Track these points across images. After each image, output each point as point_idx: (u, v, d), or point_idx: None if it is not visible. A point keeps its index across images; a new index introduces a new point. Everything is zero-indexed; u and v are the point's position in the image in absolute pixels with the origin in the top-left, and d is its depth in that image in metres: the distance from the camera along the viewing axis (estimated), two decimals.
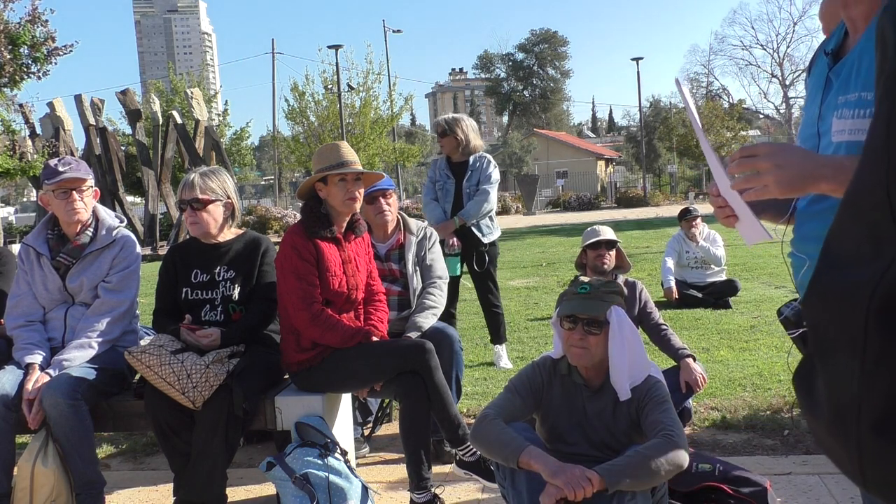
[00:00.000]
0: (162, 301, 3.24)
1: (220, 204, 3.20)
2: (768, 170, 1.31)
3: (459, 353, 3.55)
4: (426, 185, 5.21)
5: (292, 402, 3.06)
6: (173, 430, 2.92)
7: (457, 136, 5.03)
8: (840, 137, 1.39)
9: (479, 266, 5.06)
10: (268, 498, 3.26)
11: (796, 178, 1.29)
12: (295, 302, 3.00)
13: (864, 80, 1.35)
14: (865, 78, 1.35)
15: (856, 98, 1.36)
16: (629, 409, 2.40)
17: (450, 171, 5.07)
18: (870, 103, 1.32)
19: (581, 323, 2.39)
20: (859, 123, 1.34)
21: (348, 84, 28.44)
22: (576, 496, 2.08)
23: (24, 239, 3.33)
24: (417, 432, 2.97)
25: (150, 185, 20.14)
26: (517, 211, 31.91)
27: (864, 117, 1.33)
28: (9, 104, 15.12)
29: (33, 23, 12.91)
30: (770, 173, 1.31)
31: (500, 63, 79.62)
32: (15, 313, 3.19)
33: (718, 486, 2.47)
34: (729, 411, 3.94)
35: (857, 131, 1.35)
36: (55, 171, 3.15)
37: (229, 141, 31.15)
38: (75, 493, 2.94)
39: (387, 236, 3.77)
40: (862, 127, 1.33)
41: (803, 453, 3.42)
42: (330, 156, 3.04)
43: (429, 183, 5.17)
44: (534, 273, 10.54)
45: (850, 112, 1.36)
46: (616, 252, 4.09)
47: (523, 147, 54.16)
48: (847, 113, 1.37)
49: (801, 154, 1.33)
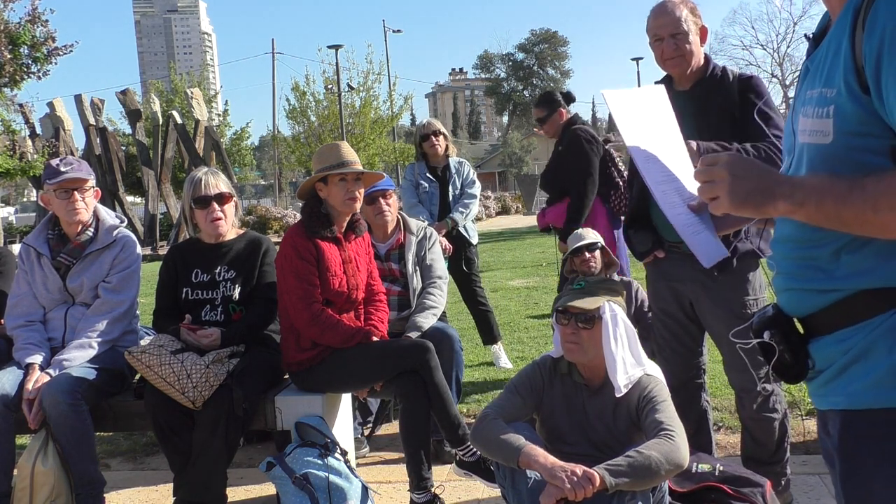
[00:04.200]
0: (162, 301, 3.24)
1: (233, 200, 3.24)
2: (723, 179, 1.22)
3: (459, 353, 3.55)
4: (406, 188, 5.19)
5: (292, 402, 3.06)
6: (173, 430, 2.92)
7: (447, 137, 5.15)
8: (803, 139, 1.26)
9: (468, 267, 5.11)
10: (268, 498, 3.26)
11: (752, 192, 1.19)
12: (295, 302, 3.00)
13: (826, 73, 1.21)
14: (829, 71, 1.21)
15: (817, 95, 1.22)
16: (629, 409, 2.40)
17: (431, 175, 5.08)
18: (828, 101, 1.18)
19: (573, 317, 2.39)
20: (818, 124, 1.20)
21: (348, 84, 28.47)
22: (576, 496, 2.08)
23: (25, 239, 3.34)
24: (417, 432, 2.97)
25: (150, 185, 20.15)
26: (517, 211, 31.92)
27: (822, 117, 1.19)
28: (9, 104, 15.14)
29: (33, 23, 12.92)
30: (724, 183, 1.21)
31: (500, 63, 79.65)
32: (15, 313, 3.19)
33: (718, 487, 2.47)
34: (729, 411, 3.94)
35: (817, 133, 1.21)
36: (57, 170, 3.15)
37: (229, 141, 31.18)
38: (75, 493, 2.94)
39: (387, 236, 3.78)
40: (821, 128, 1.19)
41: (803, 453, 3.42)
42: (330, 156, 3.05)
43: (409, 186, 5.15)
44: (534, 273, 10.54)
45: (812, 110, 1.23)
46: (601, 252, 4.12)
47: (523, 147, 54.13)
48: (809, 111, 1.24)
49: (761, 168, 1.22)
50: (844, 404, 1.24)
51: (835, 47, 1.20)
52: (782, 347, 1.30)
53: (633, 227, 2.92)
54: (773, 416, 2.82)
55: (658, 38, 2.69)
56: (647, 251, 2.87)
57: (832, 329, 1.25)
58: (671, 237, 2.80)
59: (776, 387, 2.84)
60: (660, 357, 2.99)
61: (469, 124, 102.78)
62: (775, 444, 2.85)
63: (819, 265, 1.25)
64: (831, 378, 1.27)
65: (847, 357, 1.23)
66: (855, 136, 1.16)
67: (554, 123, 4.69)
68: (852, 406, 1.23)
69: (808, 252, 1.27)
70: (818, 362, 1.29)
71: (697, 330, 2.92)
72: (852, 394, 1.22)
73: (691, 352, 2.94)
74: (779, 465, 2.86)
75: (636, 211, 2.90)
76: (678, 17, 2.65)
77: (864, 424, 1.21)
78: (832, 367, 1.26)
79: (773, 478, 2.73)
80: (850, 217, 1.13)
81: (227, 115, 32.84)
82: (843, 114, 1.16)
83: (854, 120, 1.15)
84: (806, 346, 1.30)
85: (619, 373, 2.37)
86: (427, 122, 5.24)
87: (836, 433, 1.26)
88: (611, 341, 2.36)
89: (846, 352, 1.23)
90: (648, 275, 3.01)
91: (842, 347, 1.23)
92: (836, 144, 1.18)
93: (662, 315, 2.94)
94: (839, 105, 1.16)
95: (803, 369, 1.30)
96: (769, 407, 2.81)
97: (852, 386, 1.22)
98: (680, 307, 2.88)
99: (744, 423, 2.92)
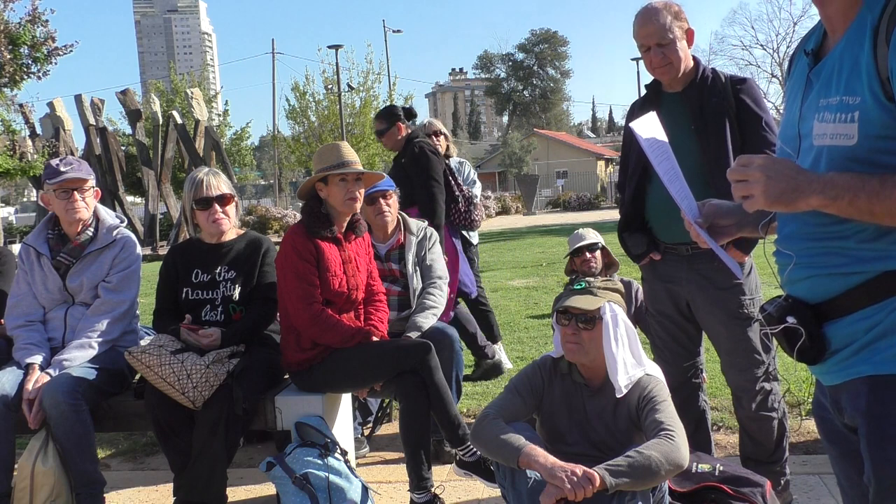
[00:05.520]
0: (162, 301, 3.25)
1: (234, 201, 3.25)
2: (758, 180, 1.33)
3: (459, 353, 3.55)
4: None
5: (292, 402, 3.06)
6: (173, 430, 2.92)
7: (448, 138, 5.17)
8: (821, 141, 1.39)
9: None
10: (268, 498, 3.26)
11: (786, 190, 1.32)
12: (295, 302, 3.00)
13: (845, 83, 1.35)
14: (847, 81, 1.34)
15: (837, 102, 1.35)
16: (629, 409, 2.40)
17: None
18: (851, 108, 1.32)
19: (574, 318, 2.40)
20: (841, 128, 1.34)
21: (348, 84, 28.47)
22: (576, 496, 2.08)
23: (25, 239, 3.34)
24: (417, 432, 2.97)
25: (150, 185, 20.13)
26: (517, 211, 31.91)
27: (846, 122, 1.32)
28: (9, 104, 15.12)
29: (33, 23, 12.91)
30: (759, 183, 1.33)
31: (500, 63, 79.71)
32: (15, 313, 3.19)
33: (718, 487, 2.47)
34: (728, 411, 3.94)
35: (839, 136, 1.34)
36: (57, 170, 3.15)
37: (229, 141, 31.17)
38: (75, 493, 2.94)
39: (387, 236, 3.78)
40: (844, 132, 1.33)
41: (803, 453, 3.42)
42: (330, 156, 3.05)
43: None
44: (534, 273, 10.54)
45: (832, 116, 1.35)
46: (602, 252, 4.12)
47: (523, 147, 54.08)
48: (829, 116, 1.36)
49: (793, 168, 1.35)
50: (871, 371, 1.37)
51: (850, 61, 1.34)
52: (806, 330, 1.42)
53: (628, 230, 2.93)
54: (772, 416, 2.83)
55: (645, 48, 2.70)
56: (643, 253, 2.88)
57: (856, 309, 1.38)
58: (667, 239, 2.81)
59: (774, 385, 2.84)
60: (658, 358, 2.99)
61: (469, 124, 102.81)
62: (774, 444, 2.85)
63: (845, 252, 1.39)
64: (854, 353, 1.39)
65: (872, 333, 1.36)
66: (879, 139, 1.30)
67: (392, 136, 4.89)
68: (879, 372, 1.36)
69: (832, 242, 1.40)
70: (835, 342, 1.42)
71: (695, 330, 2.93)
72: (879, 362, 1.36)
73: (689, 352, 2.95)
74: (778, 464, 2.87)
75: (630, 214, 2.91)
76: (663, 24, 2.64)
77: (890, 388, 1.35)
78: (854, 344, 1.39)
79: (773, 478, 2.73)
80: (881, 210, 1.29)
81: (227, 116, 32.86)
82: (868, 119, 1.30)
83: (878, 124, 1.30)
84: (821, 329, 1.43)
85: (619, 373, 2.37)
86: (428, 121, 5.25)
87: (864, 398, 1.38)
88: (611, 342, 2.37)
89: (871, 328, 1.36)
90: (644, 276, 3.02)
91: (866, 325, 1.37)
92: (860, 147, 1.32)
93: (659, 316, 2.95)
94: (864, 111, 1.31)
95: (822, 350, 1.43)
96: (767, 406, 2.82)
97: (879, 356, 1.36)
98: (676, 308, 2.89)
99: (742, 422, 2.92)
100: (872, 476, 1.38)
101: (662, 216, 2.79)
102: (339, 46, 28.46)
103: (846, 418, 1.45)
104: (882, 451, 1.36)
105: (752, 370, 2.79)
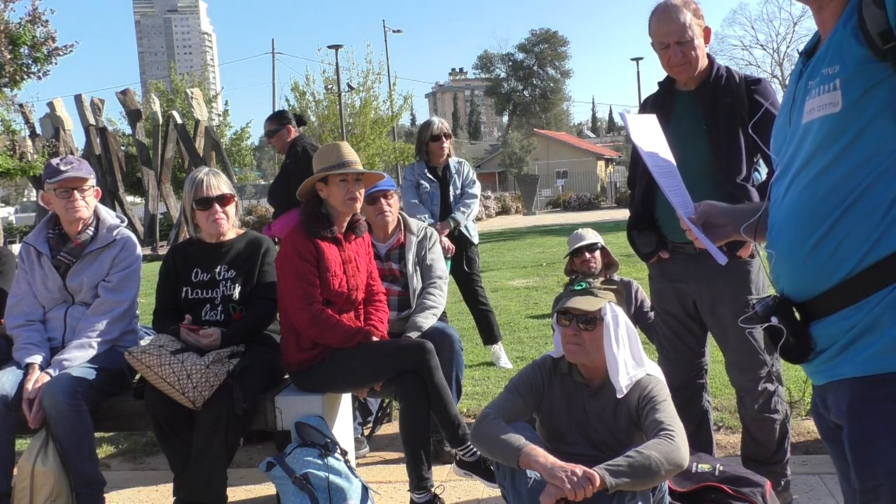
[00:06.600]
0: (162, 301, 3.24)
1: (234, 201, 3.25)
2: None
3: (459, 353, 3.55)
4: (406, 188, 5.16)
5: (292, 402, 3.06)
6: (173, 430, 2.92)
7: (452, 139, 5.15)
8: (811, 116, 1.39)
9: (469, 267, 5.12)
10: (268, 498, 3.26)
11: None
12: (295, 302, 3.00)
13: (828, 61, 1.36)
14: (831, 59, 1.35)
15: (818, 78, 1.36)
16: (629, 409, 2.40)
17: (432, 175, 5.08)
18: (832, 77, 1.33)
19: (575, 319, 2.40)
20: (826, 98, 1.34)
21: (348, 84, 28.45)
22: (576, 496, 2.08)
23: (25, 238, 3.34)
24: (417, 432, 2.97)
25: (150, 185, 20.13)
26: (517, 211, 31.90)
27: (830, 90, 1.33)
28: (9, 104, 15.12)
29: (33, 23, 12.90)
30: None
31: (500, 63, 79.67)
32: (15, 313, 3.19)
33: (718, 487, 2.47)
34: (729, 411, 3.94)
35: (826, 105, 1.34)
36: (57, 170, 3.15)
37: (229, 141, 31.15)
38: (75, 493, 2.94)
39: (387, 236, 3.78)
40: (830, 100, 1.33)
41: (803, 453, 3.42)
42: (330, 156, 3.05)
43: (410, 186, 5.14)
44: (534, 273, 10.54)
45: (817, 91, 1.36)
46: (601, 252, 4.12)
47: (523, 147, 54.07)
48: (815, 91, 1.37)
49: None
50: (851, 373, 1.36)
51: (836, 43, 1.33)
52: (789, 330, 1.43)
53: (637, 228, 2.92)
54: (775, 417, 2.82)
55: (664, 46, 2.68)
56: (652, 252, 2.88)
57: (838, 308, 1.36)
58: (676, 238, 2.80)
59: (778, 387, 2.84)
60: (662, 357, 2.99)
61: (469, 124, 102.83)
62: (775, 445, 2.85)
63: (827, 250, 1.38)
64: (836, 353, 1.38)
65: (851, 333, 1.35)
66: (860, 99, 1.29)
67: (281, 138, 5.15)
68: (858, 374, 1.35)
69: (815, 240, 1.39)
70: (820, 342, 1.41)
71: (700, 330, 2.93)
72: (859, 363, 1.34)
73: (693, 352, 2.95)
74: (779, 465, 2.86)
75: (639, 213, 2.91)
76: (683, 22, 2.62)
77: (869, 389, 1.33)
78: (836, 344, 1.38)
79: (773, 478, 2.73)
80: None
81: (227, 116, 32.81)
82: (848, 79, 1.30)
83: (859, 80, 1.28)
84: (807, 329, 1.43)
85: (620, 374, 2.37)
86: (439, 122, 5.18)
87: (846, 400, 1.37)
88: (612, 342, 2.37)
89: (851, 328, 1.35)
90: (652, 275, 3.02)
91: (847, 324, 1.35)
92: (845, 112, 1.31)
93: (665, 315, 2.94)
94: (844, 76, 1.30)
95: (807, 350, 1.43)
96: (770, 407, 2.81)
97: (859, 356, 1.34)
98: (683, 307, 2.88)
99: (744, 423, 2.92)
100: (856, 477, 1.38)
101: (672, 215, 2.78)
102: (339, 46, 28.46)
103: (833, 417, 1.45)
104: (863, 452, 1.36)
105: (755, 370, 2.79)
